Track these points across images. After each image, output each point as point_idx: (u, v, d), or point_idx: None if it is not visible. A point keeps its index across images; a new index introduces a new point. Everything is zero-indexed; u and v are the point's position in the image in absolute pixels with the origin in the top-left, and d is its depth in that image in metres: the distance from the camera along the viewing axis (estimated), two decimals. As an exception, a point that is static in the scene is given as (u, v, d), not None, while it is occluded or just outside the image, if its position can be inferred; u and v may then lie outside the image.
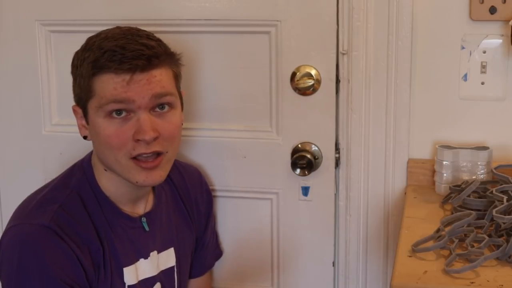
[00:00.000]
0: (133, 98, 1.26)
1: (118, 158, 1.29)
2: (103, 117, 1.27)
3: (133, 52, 1.25)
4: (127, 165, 1.29)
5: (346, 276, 1.70)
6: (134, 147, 1.27)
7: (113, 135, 1.27)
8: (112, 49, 1.25)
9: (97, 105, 1.27)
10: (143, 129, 1.26)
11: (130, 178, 1.30)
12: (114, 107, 1.26)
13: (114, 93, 1.25)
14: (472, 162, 1.53)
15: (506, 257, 1.22)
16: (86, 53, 1.29)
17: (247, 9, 1.61)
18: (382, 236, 1.66)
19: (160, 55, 1.28)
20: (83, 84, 1.29)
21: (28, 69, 1.74)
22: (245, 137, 1.68)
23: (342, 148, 1.65)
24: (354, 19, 1.57)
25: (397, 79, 1.58)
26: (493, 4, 1.51)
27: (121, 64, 1.24)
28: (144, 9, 1.63)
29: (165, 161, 1.32)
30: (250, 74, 1.65)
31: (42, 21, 1.71)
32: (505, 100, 1.57)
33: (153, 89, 1.27)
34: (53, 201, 1.32)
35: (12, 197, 1.82)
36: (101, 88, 1.26)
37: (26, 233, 1.27)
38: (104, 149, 1.30)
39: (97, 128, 1.29)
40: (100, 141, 1.30)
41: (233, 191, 1.70)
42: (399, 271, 1.19)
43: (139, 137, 1.26)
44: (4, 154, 1.81)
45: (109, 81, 1.25)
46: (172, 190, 1.52)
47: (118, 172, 1.32)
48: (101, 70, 1.26)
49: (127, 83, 1.25)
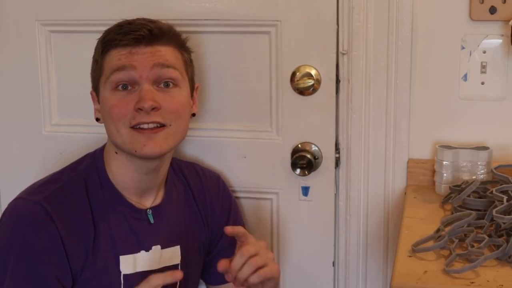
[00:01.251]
0: (135, 65, 1.31)
1: (119, 128, 1.32)
2: (109, 90, 1.33)
3: (138, 25, 1.33)
4: (127, 134, 1.32)
5: (346, 276, 1.70)
6: (134, 117, 1.31)
7: (115, 105, 1.32)
8: (120, 25, 1.35)
9: (104, 80, 1.34)
10: (142, 97, 1.30)
11: (130, 148, 1.32)
12: (118, 77, 1.31)
13: (118, 63, 1.32)
14: (472, 162, 1.53)
15: (506, 257, 1.22)
16: (100, 37, 1.38)
17: (247, 9, 1.61)
18: (382, 236, 1.66)
19: (164, 30, 1.34)
20: (96, 66, 1.37)
21: (28, 69, 1.74)
22: (245, 137, 1.68)
23: (342, 148, 1.65)
24: (354, 19, 1.57)
25: (397, 79, 1.58)
26: (493, 4, 1.51)
27: (126, 35, 1.31)
28: (144, 9, 1.62)
29: (167, 133, 1.33)
30: (250, 74, 1.65)
31: (42, 21, 1.71)
32: (505, 100, 1.57)
33: (156, 60, 1.32)
34: (56, 182, 1.37)
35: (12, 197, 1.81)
36: (108, 63, 1.34)
37: (21, 209, 1.33)
38: (109, 122, 1.34)
39: (104, 102, 1.34)
40: (106, 114, 1.34)
41: (233, 191, 1.70)
42: (399, 271, 1.19)
43: (139, 105, 1.30)
44: (4, 154, 1.81)
45: (115, 54, 1.33)
46: (186, 190, 1.52)
47: (121, 145, 1.34)
48: (108, 45, 1.33)
49: (130, 53, 1.32)
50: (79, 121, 1.73)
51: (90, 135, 1.68)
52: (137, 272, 1.38)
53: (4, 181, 1.82)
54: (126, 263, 1.37)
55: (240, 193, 1.71)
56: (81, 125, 1.73)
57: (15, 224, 1.31)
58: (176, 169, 1.52)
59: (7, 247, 1.29)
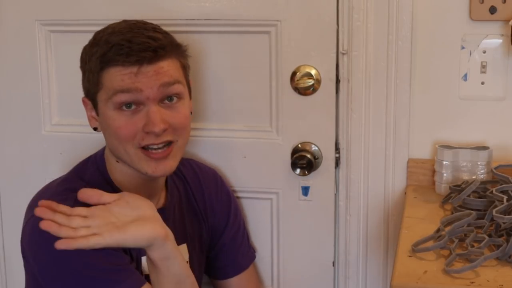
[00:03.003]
0: (141, 87, 1.28)
1: (127, 149, 1.31)
2: (113, 109, 1.30)
3: (140, 45, 1.28)
4: (136, 154, 1.31)
5: (346, 276, 1.70)
6: (143, 138, 1.30)
7: (122, 127, 1.30)
8: (119, 43, 1.28)
9: (105, 97, 1.30)
10: (152, 121, 1.29)
11: (140, 168, 1.33)
12: (122, 98, 1.29)
13: (122, 84, 1.28)
14: (472, 162, 1.53)
15: (506, 257, 1.22)
16: (94, 48, 1.32)
17: (247, 9, 1.61)
18: (382, 236, 1.66)
19: (165, 46, 1.30)
20: (92, 78, 1.32)
21: (28, 69, 1.74)
22: (245, 137, 1.68)
23: (342, 148, 1.65)
24: (354, 19, 1.57)
25: (397, 79, 1.58)
26: (493, 4, 1.51)
27: (128, 57, 1.27)
28: (144, 9, 1.63)
29: (175, 150, 1.34)
30: (250, 74, 1.65)
31: (42, 21, 1.71)
32: (505, 100, 1.57)
33: (161, 79, 1.29)
34: (71, 190, 1.32)
35: (12, 197, 1.82)
36: (109, 81, 1.29)
37: None
38: (113, 140, 1.32)
39: (107, 120, 1.32)
40: (110, 132, 1.32)
41: (233, 191, 1.69)
42: (399, 271, 1.19)
43: (149, 129, 1.29)
44: (4, 154, 1.81)
45: (117, 74, 1.28)
46: (185, 188, 1.53)
47: (128, 163, 1.34)
48: (108, 64, 1.28)
49: (135, 75, 1.28)
50: (79, 121, 1.73)
51: (90, 135, 1.67)
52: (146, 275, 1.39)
53: (4, 181, 1.82)
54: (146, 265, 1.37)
55: (240, 193, 1.71)
56: (81, 125, 1.72)
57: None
58: None
59: (60, 268, 1.25)
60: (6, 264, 1.87)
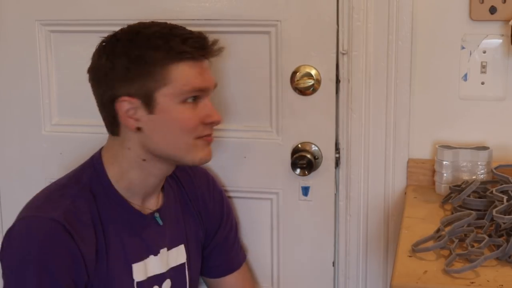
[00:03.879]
0: (208, 86, 1.36)
1: (187, 139, 1.35)
2: (179, 102, 1.33)
3: (204, 39, 1.35)
4: (194, 144, 1.36)
5: (346, 276, 1.70)
6: (203, 130, 1.36)
7: (188, 119, 1.34)
8: (190, 37, 1.33)
9: (175, 92, 1.32)
10: (212, 113, 1.36)
11: (194, 156, 1.36)
12: (193, 94, 1.34)
13: (197, 82, 1.33)
14: (472, 162, 1.53)
15: (506, 257, 1.22)
16: (152, 41, 1.31)
17: (247, 9, 1.61)
18: (382, 236, 1.66)
19: (215, 41, 1.38)
20: (153, 72, 1.30)
21: (28, 69, 1.74)
22: (245, 137, 1.68)
23: (342, 148, 1.65)
24: (354, 19, 1.57)
25: (397, 79, 1.58)
26: (493, 4, 1.51)
27: (202, 50, 1.33)
28: (144, 9, 1.63)
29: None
30: (250, 74, 1.65)
31: (42, 21, 1.71)
32: (505, 100, 1.57)
33: (214, 78, 1.39)
34: (65, 196, 1.33)
35: (12, 197, 1.82)
36: (182, 75, 1.32)
37: (36, 227, 1.27)
38: (173, 135, 1.34)
39: (172, 114, 1.33)
40: (174, 126, 1.34)
41: (233, 191, 1.70)
42: (399, 271, 1.19)
43: (211, 120, 1.36)
44: (4, 154, 1.81)
45: (187, 70, 1.32)
46: (179, 188, 1.53)
47: (179, 156, 1.36)
48: (182, 57, 1.31)
49: (202, 70, 1.35)
50: (79, 121, 1.73)
51: (90, 135, 1.68)
52: (148, 278, 1.39)
53: (4, 181, 1.82)
54: (139, 271, 1.38)
55: (240, 193, 1.71)
56: (81, 125, 1.73)
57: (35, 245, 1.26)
58: None
59: (22, 269, 1.25)
60: (6, 264, 1.87)
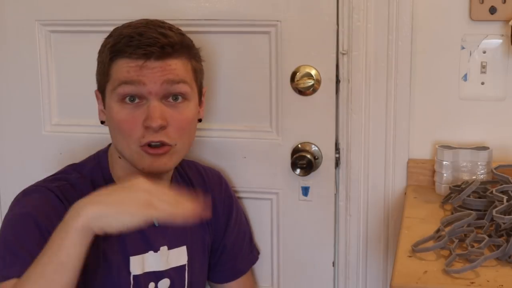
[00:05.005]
0: (144, 81, 1.29)
1: (130, 144, 1.32)
2: (116, 101, 1.32)
3: (150, 40, 1.29)
4: (136, 151, 1.32)
5: (346, 276, 1.70)
6: (143, 135, 1.31)
7: (124, 120, 1.31)
8: (130, 35, 1.31)
9: (111, 88, 1.32)
10: (151, 115, 1.29)
11: (137, 164, 1.33)
12: (126, 90, 1.30)
13: (126, 75, 1.30)
14: (472, 162, 1.53)
15: (506, 257, 1.22)
16: (108, 40, 1.35)
17: (247, 9, 1.61)
18: (382, 236, 1.66)
19: (174, 44, 1.31)
20: (103, 69, 1.35)
21: (28, 69, 1.74)
22: (245, 137, 1.68)
23: (342, 148, 1.65)
24: (354, 19, 1.57)
25: (397, 79, 1.58)
26: (493, 4, 1.51)
27: (136, 49, 1.29)
28: (144, 9, 1.63)
29: (172, 152, 1.34)
30: (250, 74, 1.65)
31: (42, 21, 1.71)
32: (505, 100, 1.57)
33: (166, 75, 1.30)
34: (64, 179, 1.37)
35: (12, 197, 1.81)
36: (116, 72, 1.31)
37: (34, 191, 1.34)
38: (116, 134, 1.34)
39: (111, 112, 1.33)
40: (113, 125, 1.34)
41: (234, 191, 1.70)
42: (399, 271, 1.19)
43: (147, 124, 1.30)
44: (4, 154, 1.81)
45: (124, 65, 1.30)
46: (190, 190, 1.52)
47: (127, 158, 1.35)
48: (117, 55, 1.31)
49: (140, 68, 1.29)
50: (79, 121, 1.73)
51: (90, 135, 1.68)
52: (145, 273, 1.39)
53: (4, 181, 1.82)
54: (136, 264, 1.38)
55: (240, 193, 1.71)
56: (81, 125, 1.73)
57: (30, 205, 1.30)
58: (180, 170, 1.52)
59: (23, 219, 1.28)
60: (6, 264, 1.87)
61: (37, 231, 1.25)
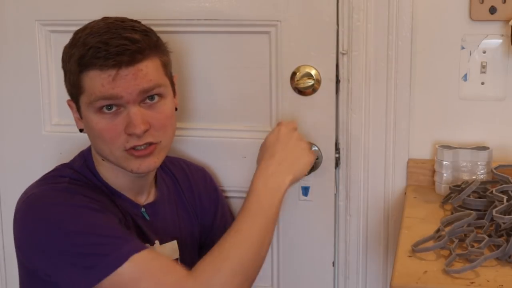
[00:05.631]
0: (121, 94, 1.28)
1: (113, 150, 1.32)
2: (94, 112, 1.31)
3: (117, 48, 1.26)
4: (121, 156, 1.32)
5: (346, 276, 1.70)
6: (127, 140, 1.30)
7: (104, 130, 1.30)
8: (96, 46, 1.27)
9: (87, 101, 1.31)
10: (133, 123, 1.29)
11: (125, 167, 1.34)
12: (103, 104, 1.29)
13: (102, 90, 1.27)
14: (472, 162, 1.53)
15: (506, 257, 1.22)
16: (73, 50, 1.32)
17: (247, 9, 1.61)
18: (382, 236, 1.66)
19: (144, 49, 1.29)
20: (73, 80, 1.33)
21: (28, 69, 1.74)
22: (245, 137, 1.67)
23: (342, 148, 1.65)
24: (354, 19, 1.57)
25: (397, 79, 1.58)
26: (493, 4, 1.51)
27: (106, 61, 1.26)
28: (144, 9, 1.63)
29: (158, 149, 1.34)
30: (250, 74, 1.65)
31: (42, 21, 1.71)
32: (505, 100, 1.57)
33: (140, 84, 1.28)
34: (61, 176, 1.36)
35: (12, 197, 1.81)
36: (90, 85, 1.29)
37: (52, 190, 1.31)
38: (98, 142, 1.33)
39: (90, 123, 1.32)
40: (94, 135, 1.33)
41: (233, 191, 1.70)
42: (399, 271, 1.19)
43: (131, 131, 1.29)
44: (4, 154, 1.81)
45: (96, 78, 1.28)
46: (175, 186, 1.54)
47: (113, 162, 1.35)
48: (87, 68, 1.28)
49: (113, 79, 1.27)
50: (79, 121, 1.73)
51: (90, 135, 1.68)
52: None
53: (4, 181, 1.82)
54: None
55: (240, 193, 1.70)
56: (81, 125, 1.73)
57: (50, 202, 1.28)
58: (163, 166, 1.53)
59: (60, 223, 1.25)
60: (6, 264, 1.87)
61: (99, 213, 1.27)
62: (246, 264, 1.25)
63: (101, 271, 1.19)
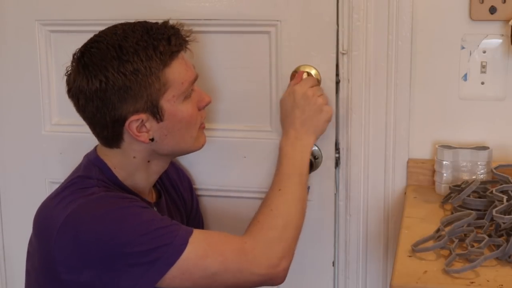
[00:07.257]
0: (196, 73, 1.38)
1: (194, 133, 1.39)
2: (182, 102, 1.34)
3: (174, 29, 1.33)
4: (197, 135, 1.40)
5: (346, 276, 1.70)
6: (201, 115, 1.41)
7: (192, 114, 1.37)
8: (172, 34, 1.31)
9: (176, 94, 1.32)
10: (203, 96, 1.41)
11: (197, 144, 1.41)
12: (190, 88, 1.36)
13: (189, 74, 1.35)
14: (472, 162, 1.53)
15: (506, 257, 1.22)
16: (141, 53, 1.27)
17: (247, 9, 1.61)
18: (382, 236, 1.66)
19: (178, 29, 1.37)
20: (152, 83, 1.28)
21: (28, 69, 1.74)
22: (245, 137, 1.68)
23: (342, 148, 1.65)
24: (354, 19, 1.57)
25: (397, 79, 1.58)
26: (493, 4, 1.51)
27: (184, 43, 1.34)
28: (144, 9, 1.63)
29: None
30: (250, 74, 1.65)
31: (42, 21, 1.71)
32: (505, 100, 1.57)
33: (189, 59, 1.38)
34: (87, 187, 1.31)
35: (12, 197, 1.82)
36: (178, 74, 1.32)
37: (89, 203, 1.27)
38: (184, 133, 1.37)
39: (178, 116, 1.34)
40: (181, 126, 1.35)
41: (233, 191, 1.70)
42: (399, 271, 1.19)
43: (204, 103, 1.40)
44: (4, 154, 1.81)
45: (177, 65, 1.32)
46: (163, 183, 1.55)
47: (187, 148, 1.40)
48: (170, 57, 1.30)
49: (185, 62, 1.35)
50: (79, 121, 1.71)
51: (90, 135, 1.67)
52: None
53: (4, 181, 1.82)
54: None
55: (240, 193, 1.70)
56: (81, 125, 1.71)
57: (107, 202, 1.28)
58: None
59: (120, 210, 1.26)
60: (6, 264, 1.87)
61: (144, 208, 1.29)
62: (294, 217, 1.39)
63: (168, 258, 1.22)
